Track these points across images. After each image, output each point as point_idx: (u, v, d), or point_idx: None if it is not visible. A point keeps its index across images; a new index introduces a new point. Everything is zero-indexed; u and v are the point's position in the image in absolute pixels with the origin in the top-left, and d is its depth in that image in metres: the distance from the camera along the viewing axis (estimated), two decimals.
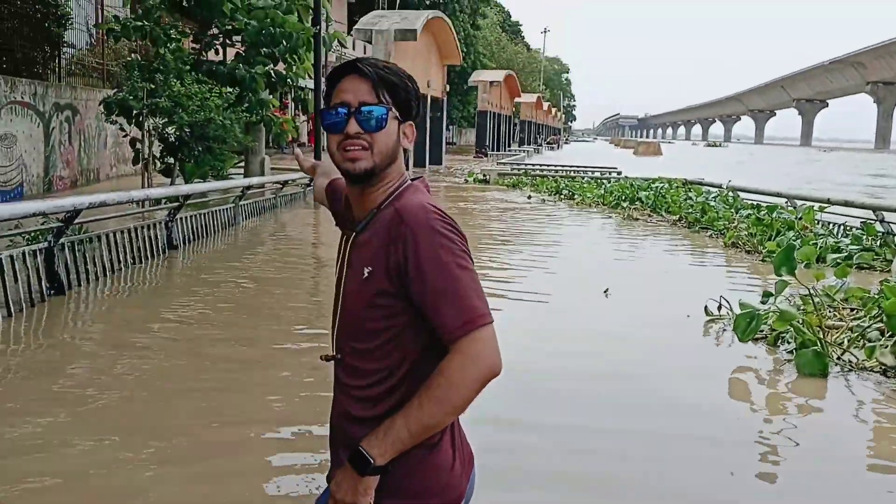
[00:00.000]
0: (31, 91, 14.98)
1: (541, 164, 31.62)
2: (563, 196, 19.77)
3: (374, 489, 1.55)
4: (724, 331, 6.68)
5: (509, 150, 53.46)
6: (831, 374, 5.56)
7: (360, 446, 1.54)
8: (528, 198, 19.66)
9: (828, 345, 5.85)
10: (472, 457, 1.73)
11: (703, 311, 7.01)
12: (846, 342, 5.99)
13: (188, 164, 14.27)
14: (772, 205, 13.34)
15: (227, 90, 15.74)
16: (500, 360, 1.51)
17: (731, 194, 16.33)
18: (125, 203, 8.29)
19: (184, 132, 13.74)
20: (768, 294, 6.36)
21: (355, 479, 1.54)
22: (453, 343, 1.49)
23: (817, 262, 9.52)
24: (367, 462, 1.52)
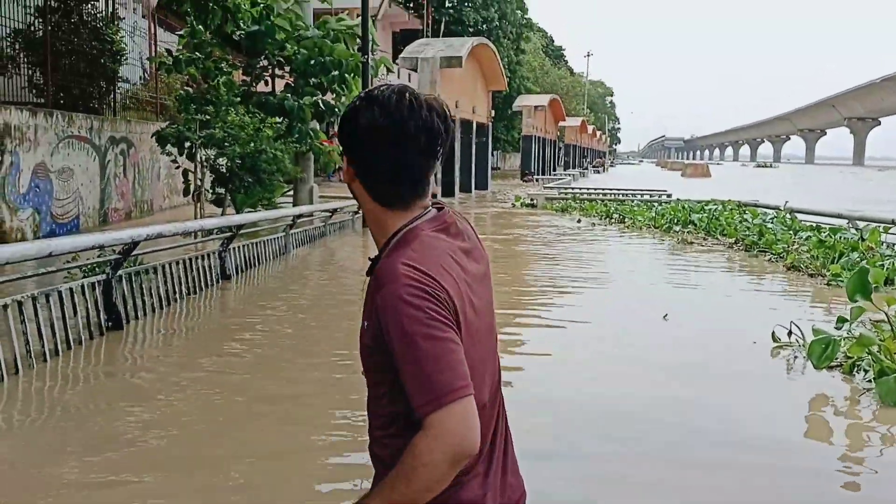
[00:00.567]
0: (87, 125, 15.32)
1: (588, 188, 31.37)
2: (613, 220, 19.51)
3: None
4: (796, 357, 6.39)
5: (554, 174, 53.28)
6: None
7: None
8: (578, 222, 19.44)
9: None
10: (523, 495, 1.67)
11: (771, 337, 6.73)
12: None
13: (239, 195, 14.43)
14: (833, 226, 12.93)
15: (276, 121, 15.94)
16: (471, 437, 1.39)
17: (789, 216, 15.90)
18: (180, 234, 8.32)
19: (235, 163, 13.92)
20: (843, 319, 6.08)
21: None
22: (421, 420, 1.40)
23: (885, 284, 9.15)
24: None
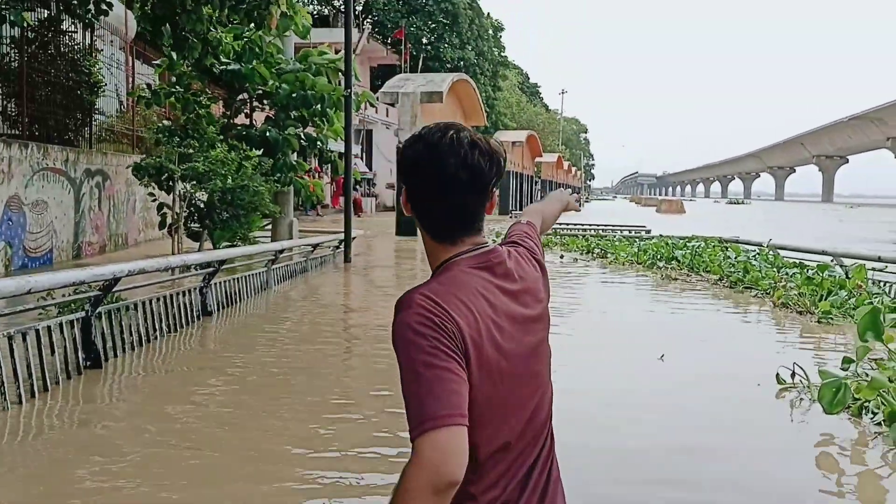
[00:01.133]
0: (62, 157, 15.00)
1: (568, 223, 31.40)
2: (595, 255, 19.43)
3: None
4: (801, 400, 6.23)
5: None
6: None
7: None
8: (561, 257, 19.33)
9: None
10: None
11: (776, 378, 6.57)
12: None
13: (216, 230, 14.14)
14: (820, 263, 12.90)
15: (257, 154, 15.73)
16: (449, 466, 1.39)
17: (772, 253, 15.90)
18: (163, 270, 8.03)
19: (214, 197, 13.64)
20: (848, 360, 5.94)
21: None
22: (412, 443, 1.44)
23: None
24: None
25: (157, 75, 18.02)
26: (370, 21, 51.70)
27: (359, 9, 49.64)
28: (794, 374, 6.54)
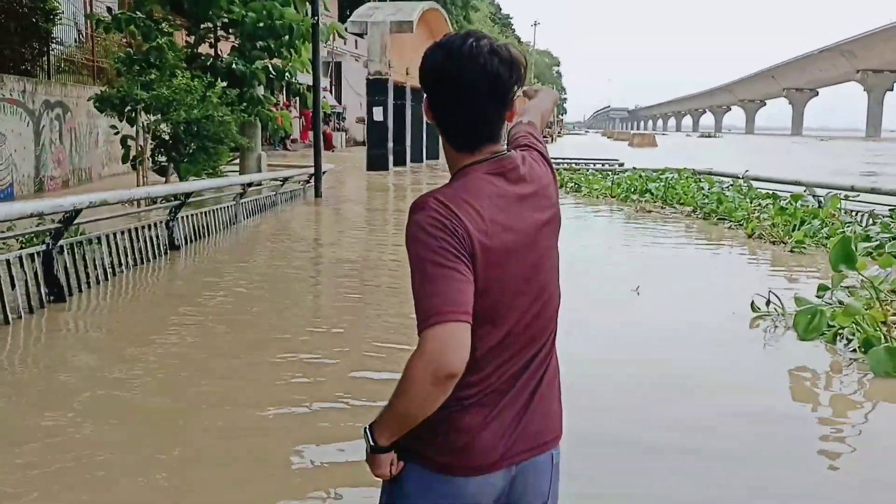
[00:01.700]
0: (19, 88, 14.43)
1: None
2: (568, 189, 19.31)
3: (387, 464, 1.63)
4: (776, 328, 6.23)
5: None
6: None
7: (365, 427, 1.64)
8: None
9: (894, 340, 5.41)
10: (550, 443, 1.72)
11: (750, 307, 6.55)
12: None
13: (182, 163, 13.76)
14: (794, 194, 12.92)
15: (223, 85, 15.23)
16: (453, 360, 1.48)
17: (745, 184, 15.89)
18: (126, 202, 7.78)
19: (179, 129, 13.23)
20: (824, 287, 5.93)
21: (369, 454, 1.64)
22: (418, 337, 1.51)
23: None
24: (371, 443, 1.62)
25: (117, 1, 17.31)
26: None
27: None
28: (768, 303, 6.52)
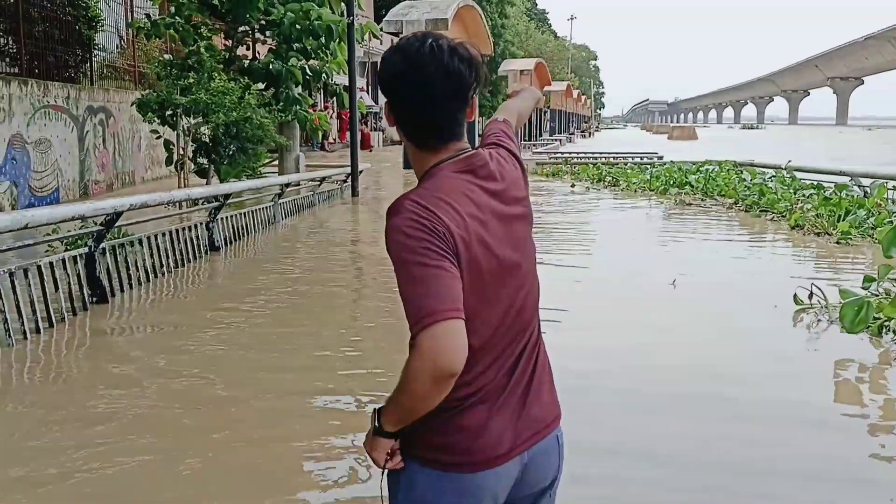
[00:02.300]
0: (63, 94, 14.75)
1: (578, 153, 30.98)
2: (606, 183, 19.16)
3: (385, 450, 1.66)
4: (819, 321, 6.10)
5: (541, 140, 52.75)
6: None
7: (376, 409, 1.67)
8: (572, 186, 19.06)
9: None
10: (549, 426, 1.76)
11: (793, 299, 6.42)
12: None
13: (223, 165, 13.95)
14: (838, 184, 12.63)
15: (260, 87, 15.41)
16: (448, 357, 1.49)
17: (789, 175, 15.58)
18: (166, 204, 7.90)
19: (219, 131, 13.42)
20: (870, 279, 5.78)
21: (370, 434, 1.68)
22: (412, 339, 1.51)
23: None
24: (376, 424, 1.66)
25: (156, 6, 17.58)
26: None
27: None
28: (811, 295, 6.39)
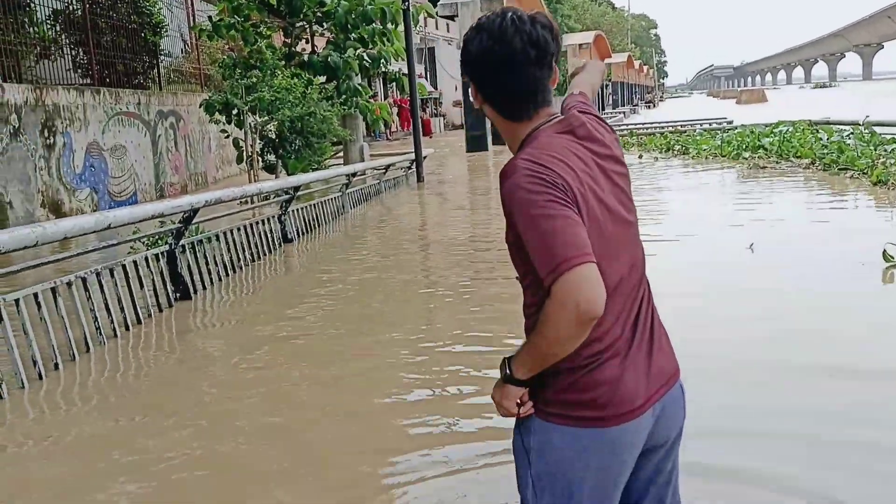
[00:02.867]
0: (134, 101, 15.19)
1: (644, 123, 30.41)
2: (675, 152, 18.75)
3: (515, 398, 1.71)
4: None
5: (604, 114, 51.96)
6: None
7: (505, 358, 1.72)
8: (640, 157, 18.71)
9: None
10: (673, 376, 1.80)
11: (882, 256, 6.17)
12: None
13: (290, 160, 14.19)
14: None
15: (321, 80, 15.57)
16: (590, 299, 1.53)
17: (867, 130, 14.96)
18: (239, 200, 8.06)
19: (284, 127, 13.64)
20: None
21: (500, 383, 1.73)
22: (548, 289, 1.56)
23: None
24: (507, 372, 1.71)
25: (218, 10, 17.93)
26: None
27: None
28: None
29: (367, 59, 16.84)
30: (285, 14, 16.54)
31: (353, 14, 15.51)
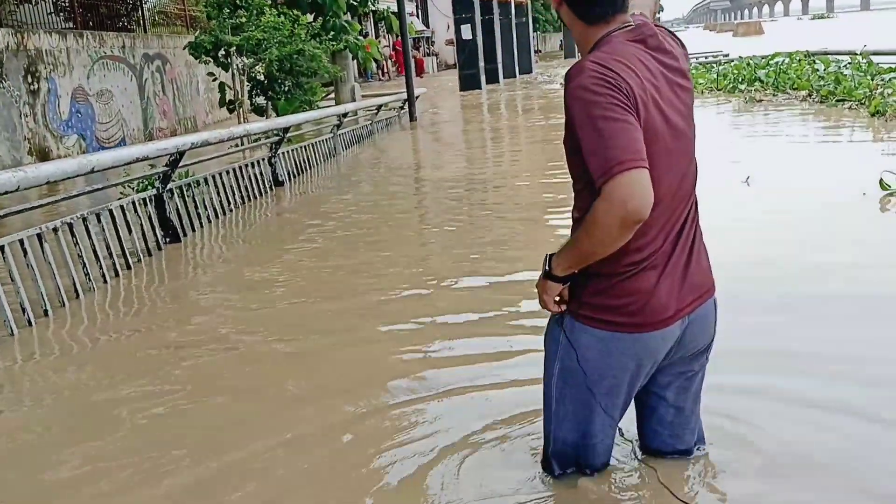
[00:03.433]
0: (119, 44, 14.87)
1: None
2: None
3: (554, 293, 1.82)
4: None
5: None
6: None
7: (548, 254, 1.82)
8: None
9: None
10: (707, 292, 1.90)
11: (879, 184, 6.09)
12: None
13: (279, 101, 13.95)
14: None
15: (309, 19, 15.22)
16: (637, 203, 1.58)
17: (865, 60, 14.71)
18: (226, 141, 7.93)
19: (273, 67, 13.37)
20: None
21: (542, 278, 1.84)
22: (599, 189, 1.62)
23: None
24: (547, 268, 1.81)
25: None
26: None
27: None
28: None
29: None
30: None
31: None
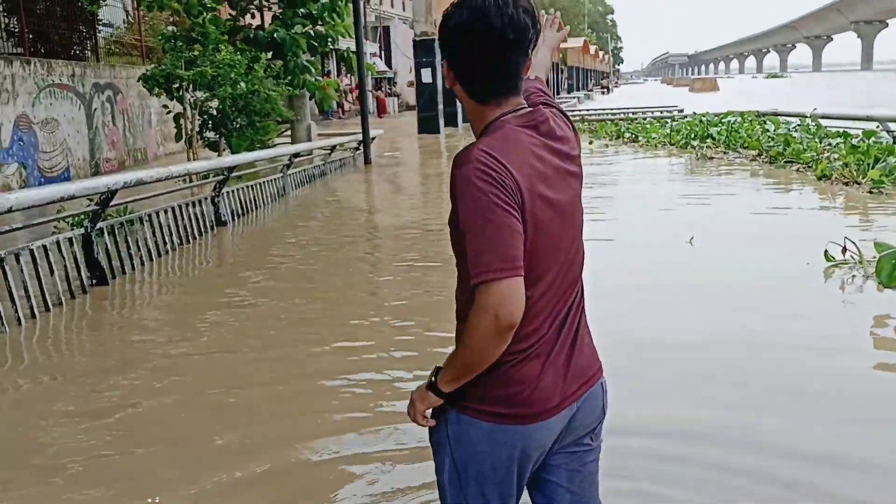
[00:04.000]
0: (68, 73, 14.52)
1: (596, 109, 30.39)
2: (625, 139, 18.69)
3: (429, 407, 1.75)
4: (854, 277, 5.75)
5: (558, 98, 51.96)
6: None
7: (436, 367, 1.75)
8: (590, 143, 18.56)
9: None
10: (594, 377, 1.83)
11: (824, 255, 6.06)
12: None
13: (233, 138, 13.72)
14: (866, 130, 12.12)
15: (268, 57, 15.07)
16: (508, 312, 1.56)
17: (814, 123, 15.02)
18: (165, 180, 7.66)
19: (227, 105, 13.15)
20: None
21: (424, 388, 1.76)
22: (473, 287, 1.58)
23: None
24: (433, 379, 1.74)
25: None
26: None
27: None
28: (844, 250, 6.03)
29: (314, 36, 16.38)
30: None
31: None
